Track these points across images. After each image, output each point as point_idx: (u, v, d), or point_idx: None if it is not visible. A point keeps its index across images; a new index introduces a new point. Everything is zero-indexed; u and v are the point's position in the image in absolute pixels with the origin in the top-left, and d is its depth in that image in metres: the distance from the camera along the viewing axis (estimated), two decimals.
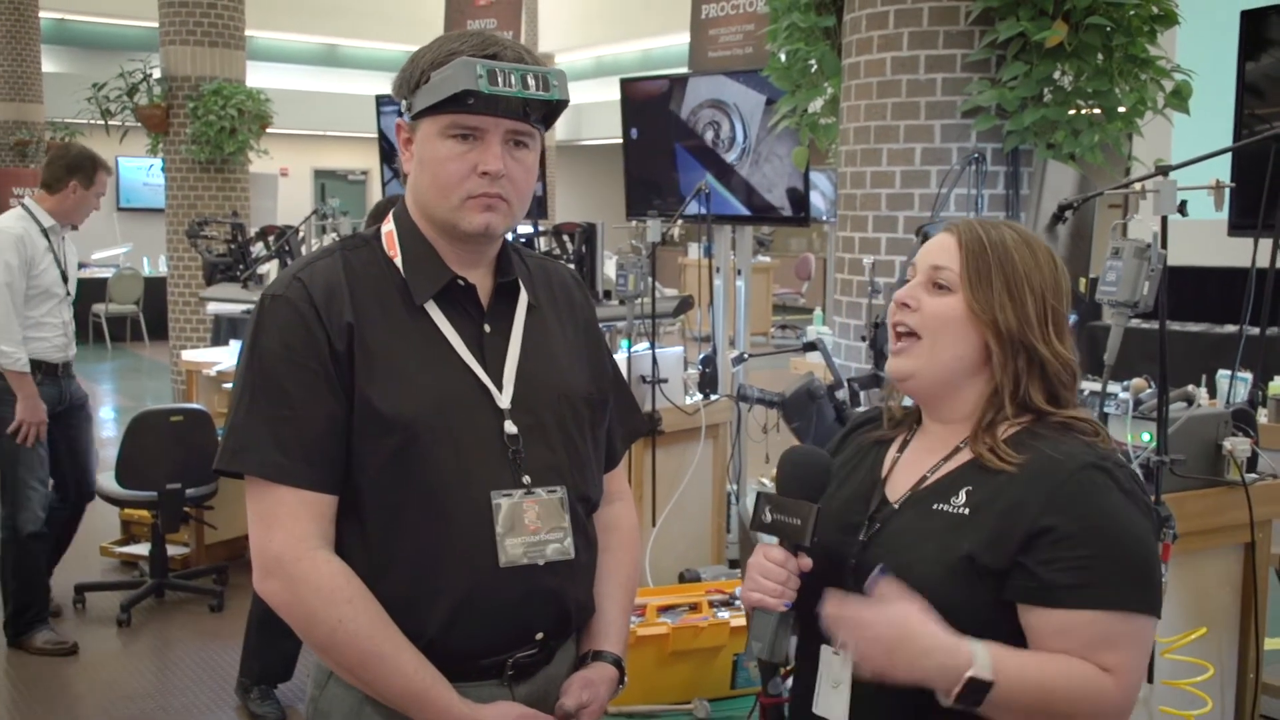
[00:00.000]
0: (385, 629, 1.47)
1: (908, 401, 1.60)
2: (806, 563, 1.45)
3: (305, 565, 1.46)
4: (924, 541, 1.42)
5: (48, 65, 15.63)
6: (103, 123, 9.52)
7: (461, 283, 1.58)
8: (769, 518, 1.47)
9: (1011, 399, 1.46)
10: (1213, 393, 3.80)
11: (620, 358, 4.20)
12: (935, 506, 1.44)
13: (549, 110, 1.56)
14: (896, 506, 1.49)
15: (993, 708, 1.32)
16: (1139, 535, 1.37)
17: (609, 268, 6.20)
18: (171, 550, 4.98)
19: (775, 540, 1.47)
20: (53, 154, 4.17)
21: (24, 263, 4.09)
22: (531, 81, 1.51)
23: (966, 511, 1.41)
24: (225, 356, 5.64)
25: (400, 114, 1.58)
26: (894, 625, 1.32)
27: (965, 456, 1.47)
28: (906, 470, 1.53)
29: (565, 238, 5.65)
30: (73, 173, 4.19)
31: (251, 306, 1.61)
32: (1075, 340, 1.52)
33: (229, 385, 5.44)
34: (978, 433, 1.46)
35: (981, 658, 1.31)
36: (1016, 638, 1.37)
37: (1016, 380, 1.46)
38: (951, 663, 1.31)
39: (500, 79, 1.48)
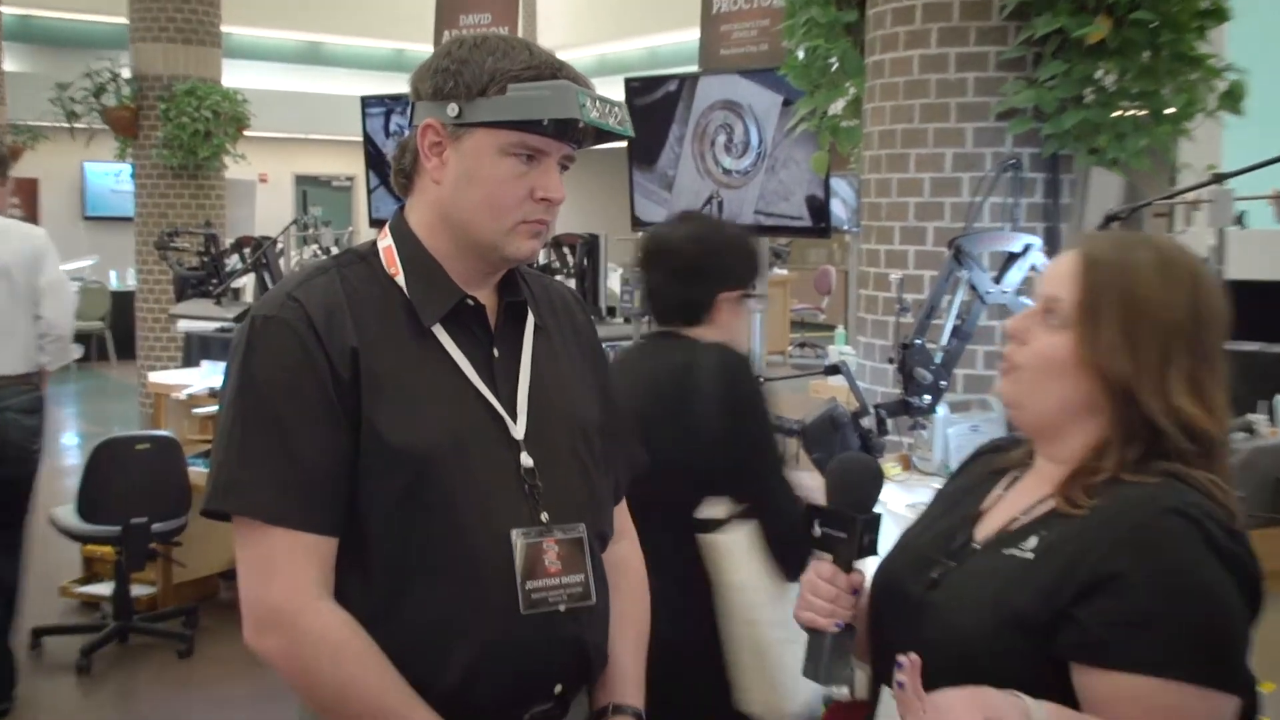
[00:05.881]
0: (395, 686, 1.44)
1: None
2: (857, 578, 1.45)
3: (309, 617, 1.43)
4: (982, 589, 1.36)
5: (10, 64, 15.68)
6: (68, 125, 9.55)
7: (471, 302, 1.55)
8: (818, 531, 1.48)
9: (1120, 455, 1.36)
10: (1274, 419, 3.75)
11: None
12: (1006, 551, 1.38)
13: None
14: (978, 548, 1.44)
15: None
16: (1217, 596, 1.26)
17: (612, 282, 6.17)
18: (136, 590, 4.94)
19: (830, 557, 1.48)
20: None
21: None
22: (610, 112, 1.52)
23: (1032, 557, 1.35)
24: (196, 379, 5.60)
25: (411, 113, 1.54)
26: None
27: (1054, 503, 1.39)
28: (1003, 509, 1.46)
29: (566, 250, 5.63)
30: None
31: (225, 324, 1.57)
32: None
33: (200, 410, 5.47)
34: (1069, 480, 1.38)
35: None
36: (1072, 702, 1.30)
37: (1129, 435, 1.36)
38: None
39: (597, 110, 1.49)
